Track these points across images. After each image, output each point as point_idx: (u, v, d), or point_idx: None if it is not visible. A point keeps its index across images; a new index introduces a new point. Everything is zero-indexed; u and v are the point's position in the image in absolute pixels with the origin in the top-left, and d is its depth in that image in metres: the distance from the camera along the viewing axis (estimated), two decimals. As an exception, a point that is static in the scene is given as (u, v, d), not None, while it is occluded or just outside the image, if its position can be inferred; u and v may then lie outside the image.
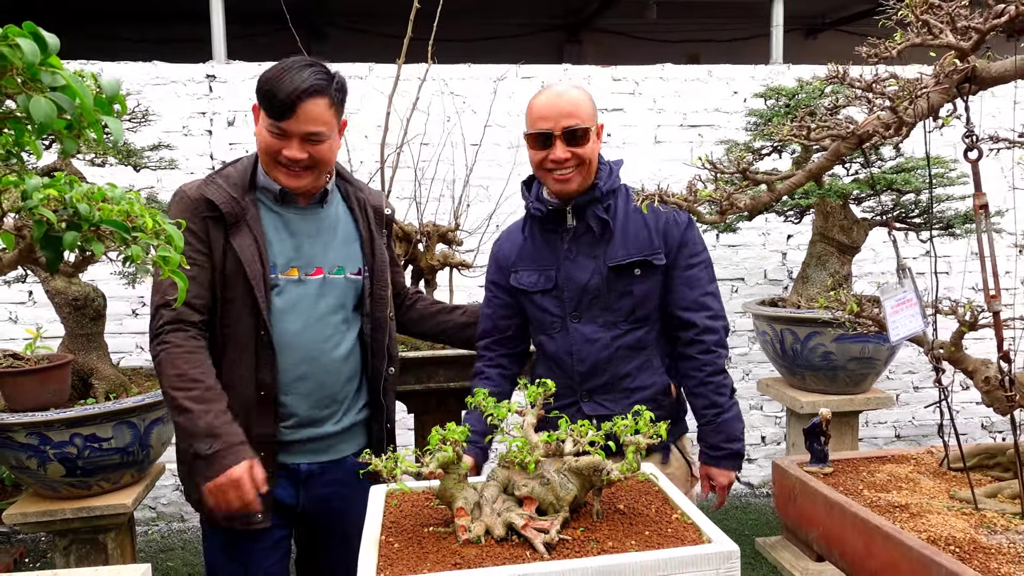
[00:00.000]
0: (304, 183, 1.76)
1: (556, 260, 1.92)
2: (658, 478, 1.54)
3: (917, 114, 1.21)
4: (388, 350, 1.91)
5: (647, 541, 1.26)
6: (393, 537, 1.31)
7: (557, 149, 1.80)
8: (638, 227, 1.88)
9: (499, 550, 1.24)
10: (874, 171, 3.27)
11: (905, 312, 1.37)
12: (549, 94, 1.84)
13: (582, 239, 1.90)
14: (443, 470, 1.32)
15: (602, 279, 1.86)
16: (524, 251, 1.98)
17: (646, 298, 1.88)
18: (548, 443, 1.30)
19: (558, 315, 1.92)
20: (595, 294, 1.88)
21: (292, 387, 1.77)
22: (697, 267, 1.90)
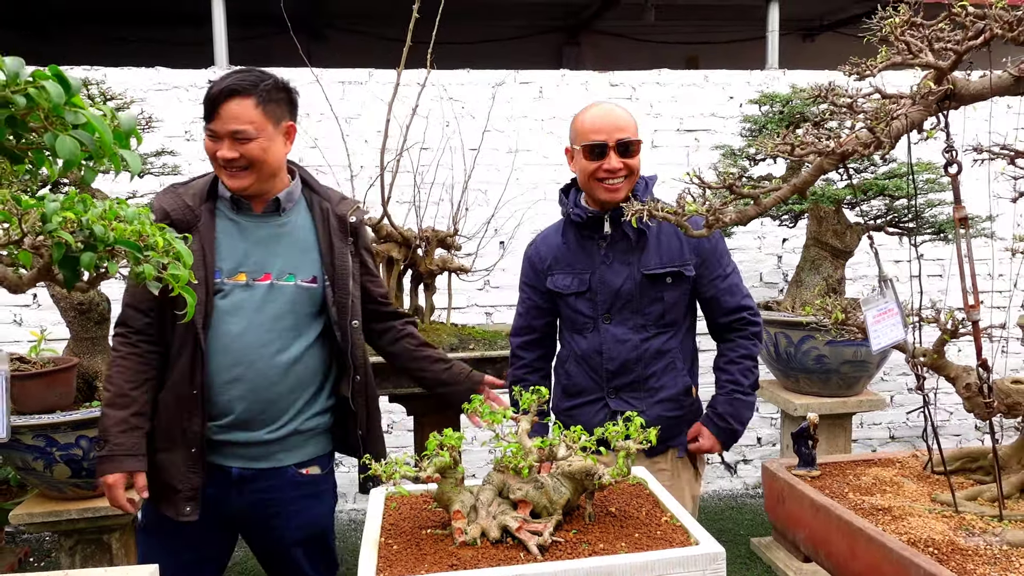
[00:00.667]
0: (245, 183, 1.78)
1: (592, 264, 2.03)
2: (649, 482, 1.59)
3: (895, 133, 1.25)
4: (352, 357, 1.91)
5: (636, 543, 1.30)
6: (392, 539, 1.36)
7: (611, 159, 1.92)
8: (670, 238, 2.00)
9: (494, 552, 1.29)
10: (866, 176, 3.31)
11: (887, 321, 1.42)
12: (601, 109, 1.98)
13: (618, 246, 2.02)
14: (440, 474, 1.37)
15: (635, 284, 1.98)
16: (561, 255, 2.09)
17: (675, 304, 2.00)
18: (541, 449, 1.35)
19: (591, 316, 2.04)
20: (627, 298, 1.99)
21: (225, 388, 1.80)
22: (732, 274, 2.06)
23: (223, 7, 4.10)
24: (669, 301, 1.99)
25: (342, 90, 3.99)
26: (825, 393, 3.32)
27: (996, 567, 1.26)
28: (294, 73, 3.91)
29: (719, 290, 2.02)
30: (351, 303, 1.93)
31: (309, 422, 1.90)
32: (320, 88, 3.77)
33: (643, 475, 1.63)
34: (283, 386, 1.84)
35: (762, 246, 4.33)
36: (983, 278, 4.55)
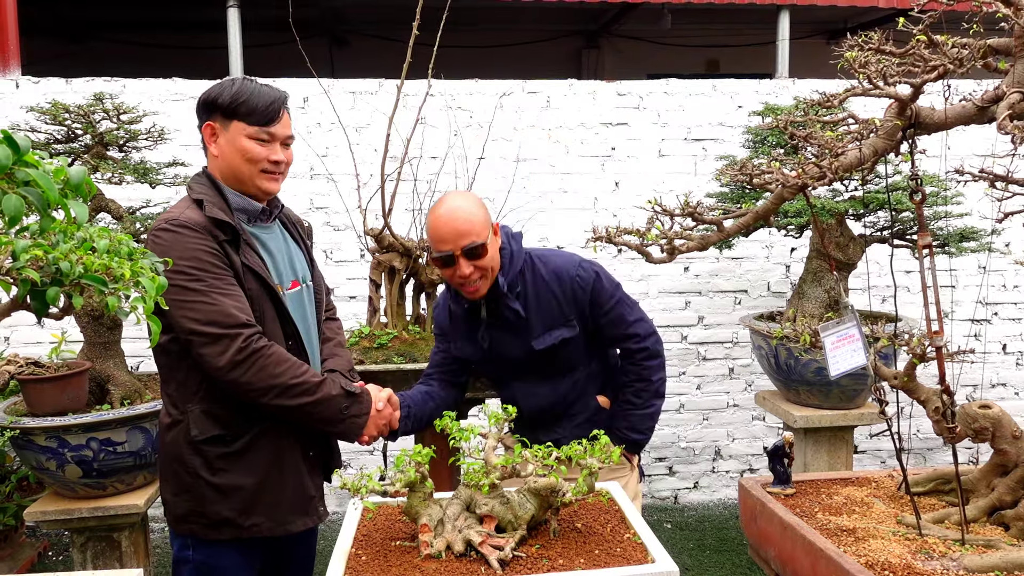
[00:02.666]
0: (279, 187, 1.84)
1: (487, 337, 2.06)
2: (617, 497, 1.63)
3: (848, 164, 1.28)
4: (321, 353, 1.96)
5: (595, 560, 1.35)
6: (362, 550, 1.42)
7: (461, 267, 1.90)
8: (548, 300, 2.01)
9: (457, 565, 1.34)
10: (869, 189, 3.30)
11: (847, 347, 1.44)
12: (445, 213, 1.92)
13: (501, 326, 2.04)
14: (409, 489, 1.42)
15: (528, 355, 2.03)
16: (459, 325, 2.12)
17: (574, 352, 2.06)
18: (505, 466, 1.40)
19: (498, 376, 2.16)
20: (526, 365, 2.05)
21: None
22: (613, 310, 2.05)
23: (238, 20, 4.20)
24: (566, 355, 2.04)
25: (352, 100, 4.07)
26: (826, 405, 3.31)
27: (949, 592, 1.28)
28: (305, 84, 4.02)
29: (602, 325, 2.06)
30: (324, 301, 2.03)
31: None
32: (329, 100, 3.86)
33: (614, 491, 1.67)
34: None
35: (770, 256, 4.33)
36: (997, 289, 4.50)
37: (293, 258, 1.93)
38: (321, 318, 2.00)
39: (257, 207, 1.84)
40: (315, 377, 1.71)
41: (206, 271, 1.66)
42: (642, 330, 2.07)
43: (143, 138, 3.06)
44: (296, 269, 1.92)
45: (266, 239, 1.87)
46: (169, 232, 1.69)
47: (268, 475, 1.72)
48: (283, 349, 1.72)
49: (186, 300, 1.64)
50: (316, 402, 1.68)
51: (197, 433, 1.70)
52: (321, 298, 2.01)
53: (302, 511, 1.75)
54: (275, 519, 1.72)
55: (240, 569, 1.78)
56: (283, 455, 1.74)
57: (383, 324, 3.08)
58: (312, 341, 1.92)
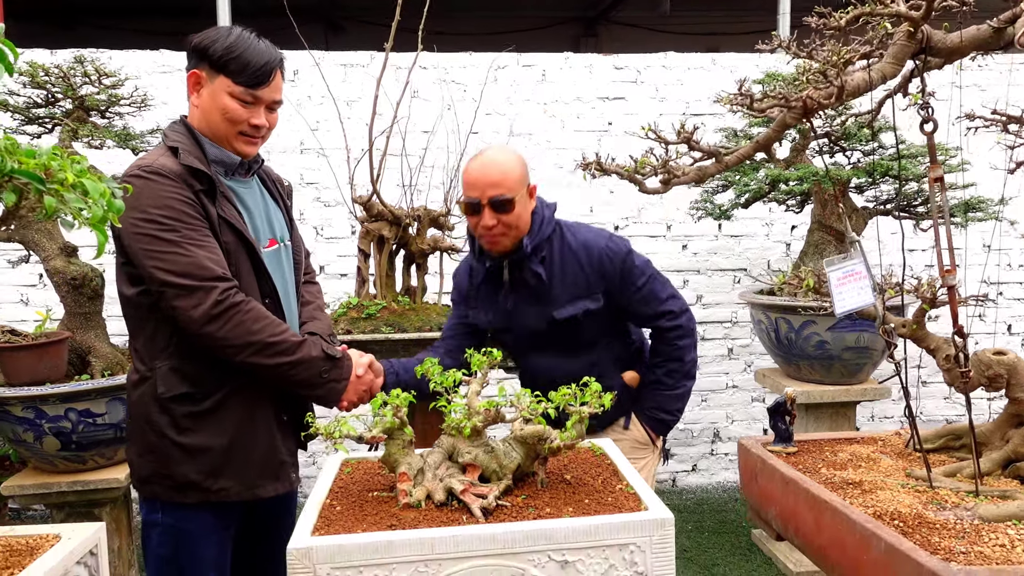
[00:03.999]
0: (255, 150, 1.75)
1: (508, 303, 2.00)
2: (610, 452, 1.55)
3: (855, 85, 1.19)
4: (299, 317, 1.89)
5: (584, 508, 1.26)
6: (337, 500, 1.33)
7: (485, 217, 1.85)
8: (575, 270, 1.93)
9: (437, 514, 1.25)
10: (873, 159, 3.22)
11: (852, 284, 1.35)
12: (480, 162, 1.88)
13: (522, 292, 1.96)
14: (387, 436, 1.34)
15: (548, 326, 1.95)
16: (480, 290, 2.05)
17: (595, 328, 1.97)
18: (488, 410, 1.31)
19: (515, 348, 2.05)
20: (545, 336, 1.97)
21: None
22: (645, 287, 1.97)
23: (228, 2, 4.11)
24: (587, 328, 1.96)
25: (343, 73, 3.99)
26: (827, 381, 3.23)
27: (963, 540, 1.20)
28: (296, 56, 3.92)
29: (634, 303, 1.97)
30: (303, 262, 1.95)
31: None
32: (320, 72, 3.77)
33: (607, 446, 1.59)
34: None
35: (770, 233, 4.24)
36: (1005, 269, 4.41)
37: (271, 216, 1.85)
38: (300, 280, 1.92)
39: (235, 160, 1.75)
40: (294, 337, 1.62)
41: (180, 221, 1.58)
42: (676, 307, 2.00)
43: (126, 103, 2.97)
44: (274, 227, 1.84)
45: (243, 194, 1.79)
46: (141, 179, 1.60)
47: (238, 437, 1.63)
48: (261, 306, 1.63)
49: (159, 251, 1.55)
50: (295, 363, 1.59)
51: (164, 390, 1.61)
52: (300, 260, 1.94)
53: (272, 476, 1.66)
54: (244, 483, 1.63)
55: (211, 533, 1.68)
56: (255, 416, 1.65)
57: (372, 295, 3.00)
58: (290, 302, 1.83)
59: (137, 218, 1.57)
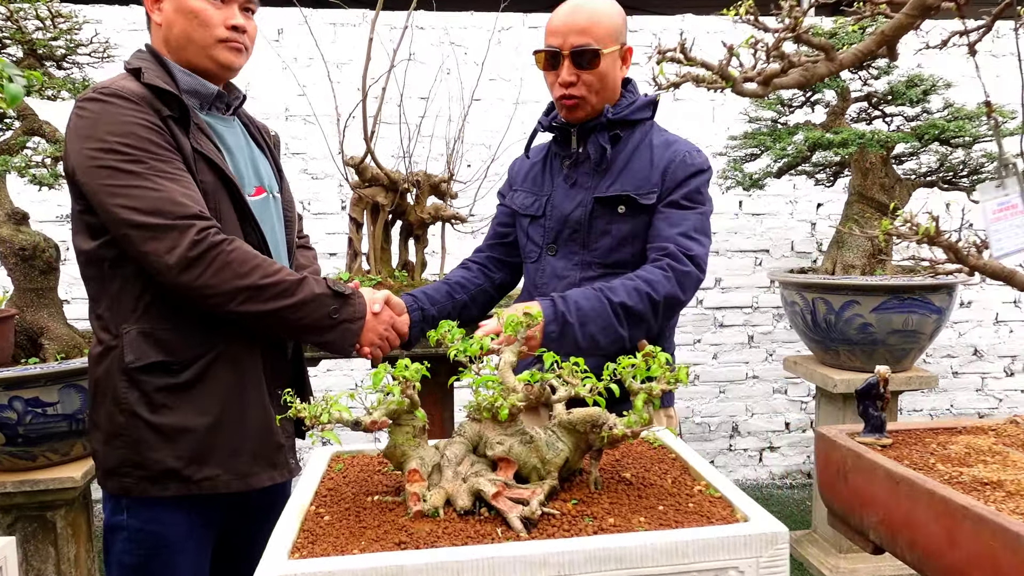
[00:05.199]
0: (242, 61, 1.49)
1: (552, 186, 1.75)
2: (673, 442, 1.22)
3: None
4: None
5: (661, 518, 0.93)
6: (325, 507, 1.00)
7: (563, 71, 1.59)
8: (643, 165, 1.65)
9: (461, 526, 0.93)
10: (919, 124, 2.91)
11: (1011, 221, 1.04)
12: (568, 5, 1.62)
13: (581, 167, 1.70)
14: (392, 421, 1.01)
15: (585, 212, 1.67)
16: (530, 172, 1.82)
17: (626, 240, 1.64)
18: (530, 385, 0.98)
19: (539, 244, 1.75)
20: (575, 228, 1.68)
21: None
22: (688, 209, 1.60)
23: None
24: (617, 235, 1.63)
25: (333, 32, 3.64)
26: (868, 368, 2.92)
27: None
28: (280, 14, 3.58)
29: (661, 214, 1.59)
30: (296, 219, 1.70)
31: None
32: (308, 30, 3.44)
33: (663, 434, 1.26)
34: None
35: (794, 212, 3.93)
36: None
37: (257, 162, 1.57)
38: (292, 240, 1.64)
39: (211, 89, 1.47)
40: (292, 275, 1.33)
41: (146, 150, 1.29)
42: (697, 251, 1.57)
43: (84, 52, 2.62)
44: (261, 175, 1.56)
45: (223, 133, 1.50)
46: (98, 102, 1.32)
47: (224, 414, 1.34)
48: (247, 244, 1.34)
49: (121, 185, 1.26)
50: (297, 305, 1.30)
51: (133, 359, 1.32)
52: (292, 216, 1.66)
53: (268, 462, 1.37)
54: (235, 470, 1.34)
55: (188, 536, 1.38)
56: (244, 390, 1.36)
57: (365, 271, 2.66)
58: (282, 261, 1.54)
59: (94, 149, 1.28)
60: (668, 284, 1.52)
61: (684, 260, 1.55)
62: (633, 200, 1.61)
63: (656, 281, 1.51)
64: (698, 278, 1.59)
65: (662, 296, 1.50)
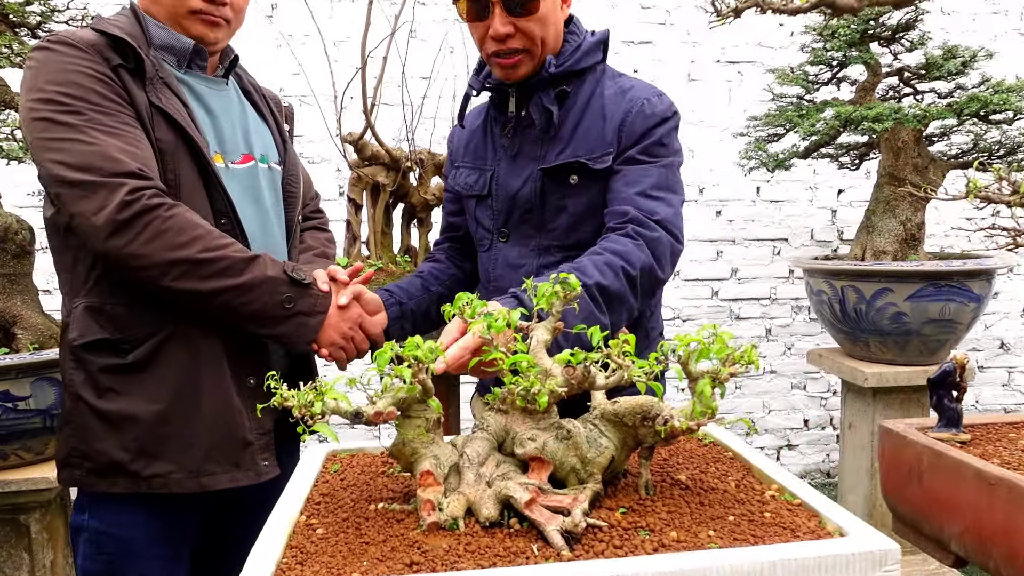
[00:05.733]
0: (220, 36, 1.34)
1: (494, 158, 1.48)
2: (727, 438, 1.05)
3: None
4: (291, 258, 1.48)
5: (735, 532, 0.75)
6: (318, 518, 0.82)
7: (497, 22, 1.30)
8: (595, 122, 1.38)
9: (486, 541, 0.75)
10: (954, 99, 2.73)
11: None
12: None
13: (525, 134, 1.43)
14: (401, 412, 0.83)
15: (534, 188, 1.41)
16: (470, 143, 1.55)
17: (584, 217, 1.39)
18: (571, 367, 0.79)
19: (488, 229, 1.49)
20: (527, 207, 1.42)
21: None
22: (648, 163, 1.34)
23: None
24: (574, 211, 1.38)
25: (330, 8, 3.46)
26: (900, 360, 2.75)
27: None
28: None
29: (620, 173, 1.34)
30: (300, 195, 1.52)
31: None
32: (305, 4, 3.26)
33: (715, 429, 1.09)
34: None
35: (814, 198, 3.75)
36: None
37: (250, 129, 1.42)
38: (293, 216, 1.48)
39: (187, 43, 1.32)
40: (240, 252, 1.15)
41: (87, 101, 1.15)
42: (664, 213, 1.30)
43: (61, 19, 2.43)
44: (252, 141, 1.41)
45: (206, 94, 1.36)
46: (44, 51, 1.19)
47: (177, 402, 1.17)
48: (192, 212, 1.16)
49: (55, 138, 1.12)
50: (243, 287, 1.12)
51: (77, 335, 1.18)
52: (296, 192, 1.49)
53: (230, 460, 1.18)
54: (188, 467, 1.17)
55: (156, 543, 1.22)
56: (201, 375, 1.18)
57: (365, 256, 2.48)
58: (269, 236, 1.37)
59: (33, 100, 1.15)
60: (641, 254, 1.25)
61: (650, 225, 1.28)
62: (584, 167, 1.35)
63: (627, 252, 1.23)
64: (672, 245, 1.31)
65: (638, 269, 1.23)
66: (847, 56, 2.69)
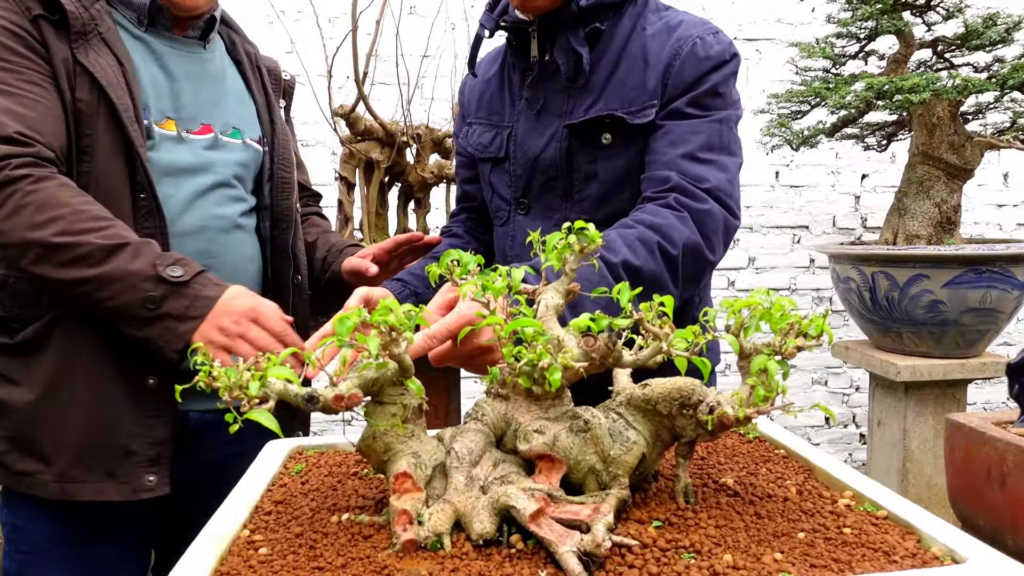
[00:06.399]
0: (199, 2, 1.22)
1: (515, 113, 1.25)
2: (776, 432, 0.86)
3: None
4: (294, 252, 1.34)
5: (808, 553, 0.57)
6: (265, 533, 0.64)
7: None
8: (634, 64, 1.15)
9: (479, 566, 0.56)
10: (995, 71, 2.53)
11: None
12: None
13: (550, 84, 1.20)
14: (369, 396, 0.65)
15: (559, 150, 1.18)
16: (484, 95, 1.31)
17: (620, 184, 1.16)
18: (591, 336, 0.61)
19: (506, 199, 1.27)
20: (550, 173, 1.20)
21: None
22: (699, 118, 1.11)
23: None
24: (607, 177, 1.16)
25: (324, -18, 3.27)
26: (936, 353, 2.55)
27: None
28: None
29: (659, 132, 1.11)
30: (294, 180, 1.37)
31: None
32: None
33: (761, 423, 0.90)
34: (246, 280, 1.22)
35: (836, 184, 3.55)
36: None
37: (226, 100, 1.28)
38: (290, 204, 1.34)
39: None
40: (107, 239, 0.97)
41: None
42: (717, 179, 1.08)
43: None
44: (220, 113, 1.25)
45: (168, 56, 1.22)
46: None
47: (51, 393, 1.02)
48: (72, 187, 1.00)
49: None
50: (100, 279, 0.96)
51: None
52: (288, 177, 1.34)
53: (103, 469, 1.02)
54: (54, 469, 1.01)
55: (65, 544, 1.07)
56: (79, 366, 1.02)
57: (358, 239, 2.31)
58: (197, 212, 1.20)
59: None
60: (685, 229, 1.02)
61: (698, 194, 1.05)
62: (620, 122, 1.12)
63: (667, 226, 1.01)
64: (726, 220, 1.08)
65: (680, 247, 1.01)
66: (879, 24, 2.50)
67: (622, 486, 0.64)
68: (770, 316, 0.61)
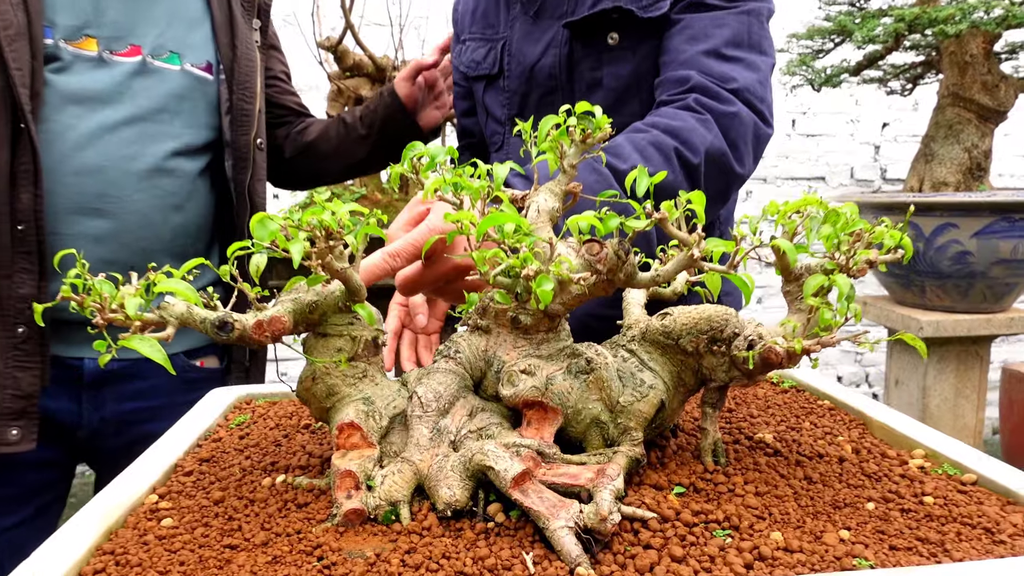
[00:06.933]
0: None
1: (509, 21, 1.10)
2: (814, 379, 0.72)
3: None
4: (251, 195, 1.19)
5: (884, 532, 0.43)
6: (175, 498, 0.50)
7: None
8: None
9: (445, 546, 0.42)
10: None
11: None
12: None
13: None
14: (303, 324, 0.50)
15: (558, 56, 1.03)
16: (477, 8, 1.16)
17: (630, 91, 1.00)
18: (597, 244, 0.46)
19: (500, 121, 1.11)
20: (549, 85, 1.04)
21: (72, 223, 1.02)
22: (724, 9, 0.94)
23: None
24: (614, 85, 1.00)
25: (312, -89, 3.05)
26: (961, 307, 2.40)
27: None
28: None
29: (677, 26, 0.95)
30: (256, 113, 1.20)
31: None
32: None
33: (796, 370, 0.76)
34: (165, 229, 1.08)
35: (855, 133, 3.37)
36: None
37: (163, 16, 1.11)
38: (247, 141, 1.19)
39: None
40: None
41: None
42: (744, 78, 0.91)
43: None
44: (156, 35, 1.10)
45: None
46: None
47: None
48: None
49: None
50: None
51: None
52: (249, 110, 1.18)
53: None
54: None
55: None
56: None
57: (347, 184, 2.15)
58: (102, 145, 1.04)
59: None
60: (707, 134, 0.87)
61: (723, 95, 0.89)
62: (629, 16, 0.95)
63: (686, 129, 0.86)
64: (756, 126, 0.91)
65: (702, 154, 0.85)
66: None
67: (634, 442, 0.49)
68: (836, 218, 0.46)
